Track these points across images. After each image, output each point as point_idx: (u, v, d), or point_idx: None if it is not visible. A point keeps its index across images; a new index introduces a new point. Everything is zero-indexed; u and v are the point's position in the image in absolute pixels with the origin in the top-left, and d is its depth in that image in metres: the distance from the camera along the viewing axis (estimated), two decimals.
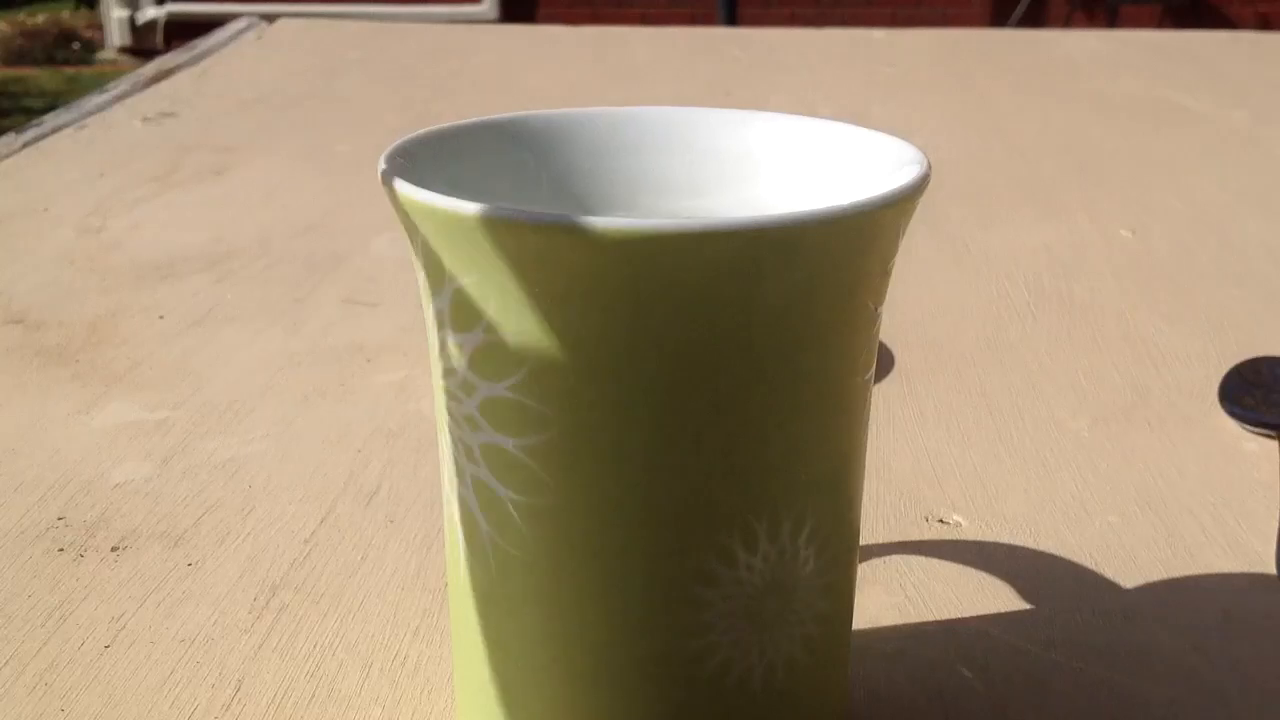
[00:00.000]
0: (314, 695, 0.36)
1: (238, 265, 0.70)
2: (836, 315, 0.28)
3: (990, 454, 0.50)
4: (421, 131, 0.32)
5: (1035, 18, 4.26)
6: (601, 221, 0.25)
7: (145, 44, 4.58)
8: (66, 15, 5.64)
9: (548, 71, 1.19)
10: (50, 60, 5.03)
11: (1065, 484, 0.48)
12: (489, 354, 0.28)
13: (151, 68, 1.19)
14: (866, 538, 0.44)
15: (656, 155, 0.35)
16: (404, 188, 0.28)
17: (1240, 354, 0.58)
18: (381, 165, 0.29)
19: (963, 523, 0.45)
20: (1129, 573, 0.42)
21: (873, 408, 0.31)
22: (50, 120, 1.00)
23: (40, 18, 5.50)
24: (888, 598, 0.41)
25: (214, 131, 0.98)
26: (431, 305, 0.29)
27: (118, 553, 0.43)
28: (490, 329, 0.27)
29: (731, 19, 3.96)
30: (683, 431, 0.27)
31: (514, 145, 0.34)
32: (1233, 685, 0.37)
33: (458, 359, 0.28)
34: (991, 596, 0.41)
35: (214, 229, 0.76)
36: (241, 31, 1.36)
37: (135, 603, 0.40)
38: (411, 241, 0.29)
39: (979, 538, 0.44)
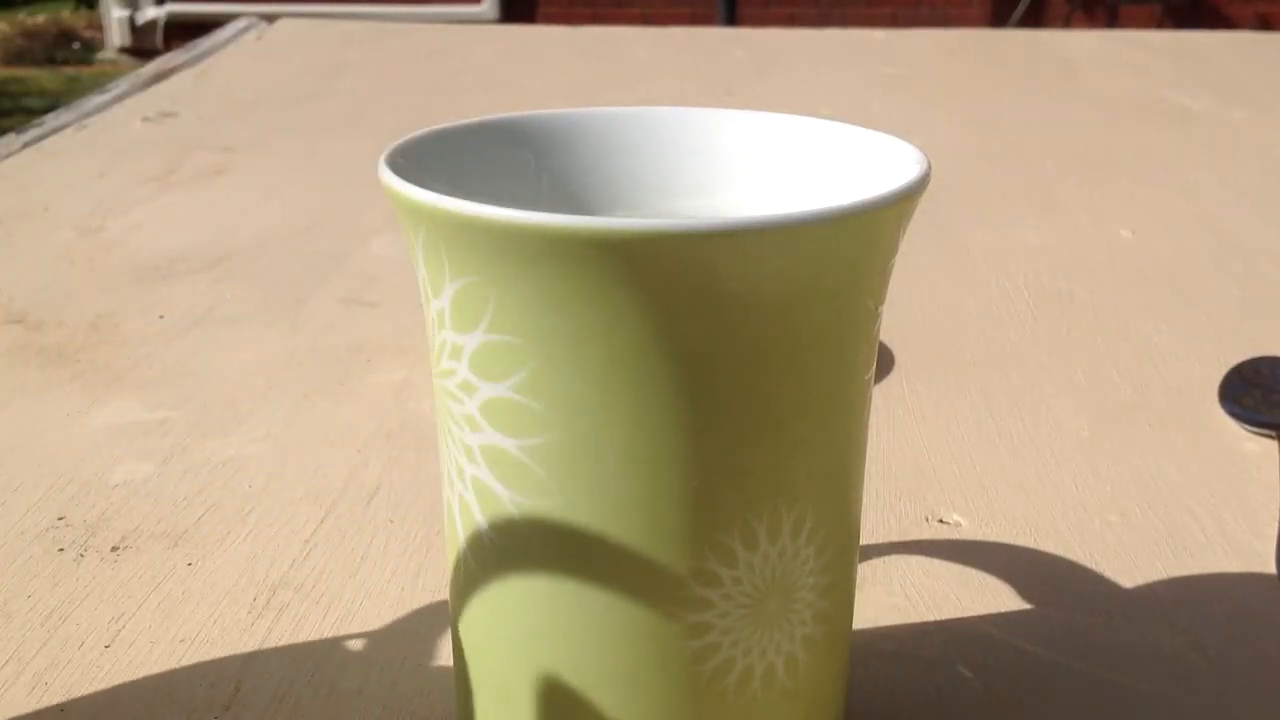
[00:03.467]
0: (314, 695, 0.36)
1: (238, 265, 0.70)
2: (836, 315, 0.28)
3: (990, 454, 0.50)
4: (421, 131, 0.32)
5: (1035, 18, 4.26)
6: (602, 221, 0.25)
7: (145, 44, 4.57)
8: (66, 15, 5.64)
9: (548, 71, 1.19)
10: (50, 60, 5.03)
11: (1065, 484, 0.48)
12: (490, 354, 0.28)
13: (151, 68, 1.19)
14: (866, 538, 0.44)
15: (657, 155, 0.35)
16: (404, 188, 0.28)
17: (1240, 354, 0.58)
18: (381, 165, 0.29)
19: (963, 523, 0.45)
20: (1129, 573, 0.42)
21: (873, 408, 0.31)
22: (50, 120, 1.00)
23: (40, 18, 5.50)
24: (888, 598, 0.41)
25: (214, 131, 0.98)
26: (431, 305, 0.29)
27: (118, 553, 0.43)
28: (490, 329, 0.27)
29: (731, 19, 3.96)
30: (684, 431, 0.27)
31: (514, 145, 0.34)
32: (1233, 685, 0.37)
33: (458, 359, 0.28)
34: (991, 596, 0.41)
35: (214, 229, 0.76)
36: (241, 31, 1.36)
37: (135, 603, 0.40)
38: (411, 241, 0.29)
39: (979, 538, 0.44)
